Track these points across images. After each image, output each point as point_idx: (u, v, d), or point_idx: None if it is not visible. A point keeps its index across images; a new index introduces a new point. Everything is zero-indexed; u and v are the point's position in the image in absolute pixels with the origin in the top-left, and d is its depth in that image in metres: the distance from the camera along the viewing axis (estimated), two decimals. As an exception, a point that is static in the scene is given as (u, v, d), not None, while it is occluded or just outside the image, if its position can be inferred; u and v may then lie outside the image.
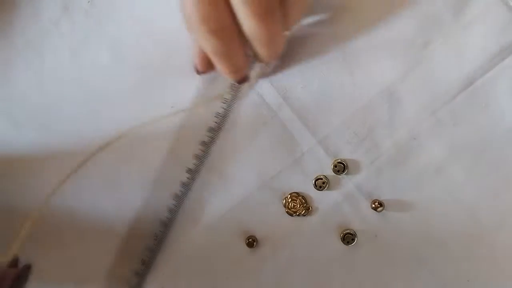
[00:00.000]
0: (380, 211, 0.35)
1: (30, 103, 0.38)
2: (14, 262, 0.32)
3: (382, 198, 0.35)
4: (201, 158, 0.36)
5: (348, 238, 0.35)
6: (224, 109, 0.36)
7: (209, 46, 0.29)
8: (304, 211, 0.36)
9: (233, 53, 0.30)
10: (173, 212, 0.37)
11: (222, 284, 0.37)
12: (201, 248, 0.37)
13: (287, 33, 0.33)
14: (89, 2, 0.37)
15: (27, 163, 0.38)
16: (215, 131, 0.36)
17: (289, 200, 0.36)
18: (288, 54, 0.35)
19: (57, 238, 0.39)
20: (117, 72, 0.37)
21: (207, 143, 0.36)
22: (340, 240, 0.36)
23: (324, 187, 0.35)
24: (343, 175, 0.35)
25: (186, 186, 0.37)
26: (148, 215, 0.37)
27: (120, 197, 0.38)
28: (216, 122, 0.36)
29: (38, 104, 0.38)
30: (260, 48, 0.30)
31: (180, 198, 0.37)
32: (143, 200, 0.37)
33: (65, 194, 0.38)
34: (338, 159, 0.35)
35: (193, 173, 0.37)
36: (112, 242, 0.38)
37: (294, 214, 0.36)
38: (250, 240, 0.36)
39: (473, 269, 0.35)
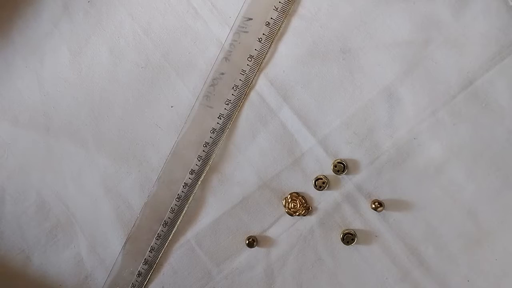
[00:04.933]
0: (380, 211, 0.35)
1: (30, 103, 0.38)
2: None
3: (382, 198, 0.35)
4: (204, 159, 0.36)
5: (348, 238, 0.35)
6: (227, 110, 0.36)
7: None
8: (304, 211, 0.36)
9: None
10: (176, 213, 0.37)
11: (222, 284, 0.37)
12: (201, 247, 0.37)
13: None
14: (89, 2, 0.37)
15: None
16: (218, 132, 0.36)
17: (289, 200, 0.36)
18: (288, 54, 0.35)
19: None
20: (117, 72, 0.37)
21: (210, 144, 0.36)
22: (340, 240, 0.36)
23: (324, 187, 0.35)
24: (343, 175, 0.35)
25: (189, 187, 0.37)
26: (151, 215, 0.37)
27: (121, 197, 0.38)
28: (219, 123, 0.36)
29: (38, 104, 0.38)
30: None
31: (182, 199, 0.37)
32: (145, 201, 0.38)
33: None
34: (338, 159, 0.35)
35: (196, 174, 0.37)
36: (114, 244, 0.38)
37: (294, 214, 0.36)
38: (250, 240, 0.36)
39: (473, 269, 0.35)
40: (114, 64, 0.37)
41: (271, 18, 0.35)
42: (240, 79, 0.35)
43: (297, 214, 0.36)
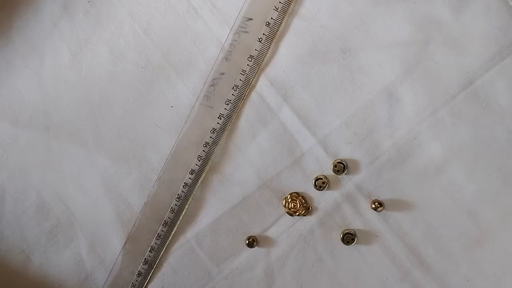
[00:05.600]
0: (380, 211, 0.35)
1: (30, 103, 0.38)
2: None
3: (382, 198, 0.35)
4: (204, 159, 0.36)
5: (348, 238, 0.35)
6: (227, 110, 0.36)
7: None
8: (304, 211, 0.36)
9: None
10: (176, 213, 0.37)
11: (222, 284, 0.37)
12: (201, 247, 0.37)
13: None
14: (89, 2, 0.37)
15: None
16: (218, 132, 0.36)
17: (289, 200, 0.36)
18: (288, 54, 0.35)
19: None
20: (117, 72, 0.37)
21: (210, 144, 0.36)
22: (340, 240, 0.36)
23: (324, 187, 0.35)
24: (343, 175, 0.35)
25: (189, 187, 0.37)
26: (151, 215, 0.37)
27: (121, 197, 0.38)
28: (219, 123, 0.36)
29: (38, 104, 0.38)
30: None
31: (182, 199, 0.37)
32: (144, 200, 0.37)
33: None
34: (338, 159, 0.35)
35: (196, 174, 0.37)
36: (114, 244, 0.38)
37: (294, 214, 0.36)
38: (250, 240, 0.36)
39: (473, 269, 0.35)
40: (114, 64, 0.37)
41: (271, 18, 0.35)
42: (240, 79, 0.35)
43: (297, 214, 0.36)
